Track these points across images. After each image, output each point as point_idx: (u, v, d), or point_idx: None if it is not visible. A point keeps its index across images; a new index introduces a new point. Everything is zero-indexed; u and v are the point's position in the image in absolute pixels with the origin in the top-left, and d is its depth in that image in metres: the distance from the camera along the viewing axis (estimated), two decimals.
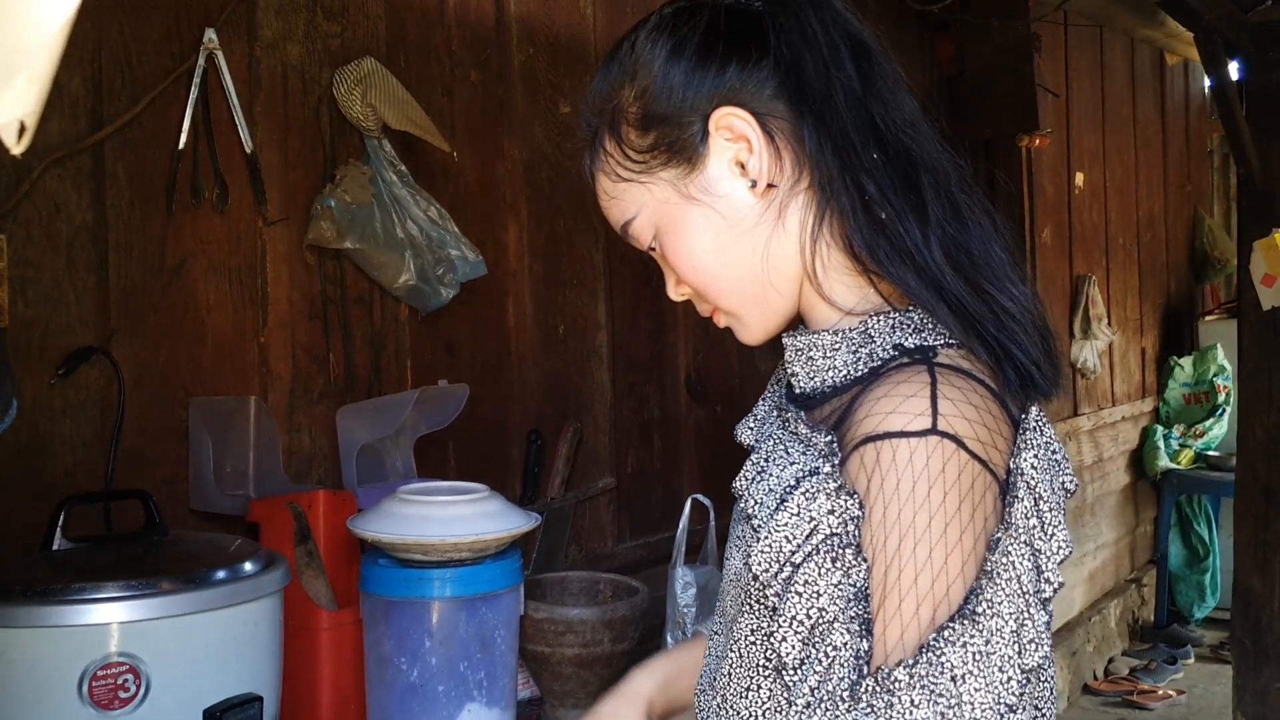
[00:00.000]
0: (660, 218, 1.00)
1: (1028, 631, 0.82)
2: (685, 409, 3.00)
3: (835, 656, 0.82)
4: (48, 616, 1.26)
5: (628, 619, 1.84)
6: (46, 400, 1.69)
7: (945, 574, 0.82)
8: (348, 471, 1.98)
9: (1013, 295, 0.93)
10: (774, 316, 1.02)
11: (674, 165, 0.98)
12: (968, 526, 0.82)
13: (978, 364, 0.91)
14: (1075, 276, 5.04)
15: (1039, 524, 0.85)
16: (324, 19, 2.09)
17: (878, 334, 0.95)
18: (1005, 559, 0.82)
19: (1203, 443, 5.70)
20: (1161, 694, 4.74)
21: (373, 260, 2.07)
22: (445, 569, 1.61)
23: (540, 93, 2.57)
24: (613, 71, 1.01)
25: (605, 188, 1.03)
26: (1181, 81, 6.25)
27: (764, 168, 0.96)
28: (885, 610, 0.82)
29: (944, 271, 0.91)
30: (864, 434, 0.85)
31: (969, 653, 0.80)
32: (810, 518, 0.85)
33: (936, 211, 0.93)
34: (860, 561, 0.84)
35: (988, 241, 0.95)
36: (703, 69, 0.96)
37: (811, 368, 0.98)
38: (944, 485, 0.82)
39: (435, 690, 1.63)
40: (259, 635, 1.42)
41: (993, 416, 0.87)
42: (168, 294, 1.84)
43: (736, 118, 0.95)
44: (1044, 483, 0.87)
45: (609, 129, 1.01)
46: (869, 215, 0.93)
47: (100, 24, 1.75)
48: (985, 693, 0.79)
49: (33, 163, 1.66)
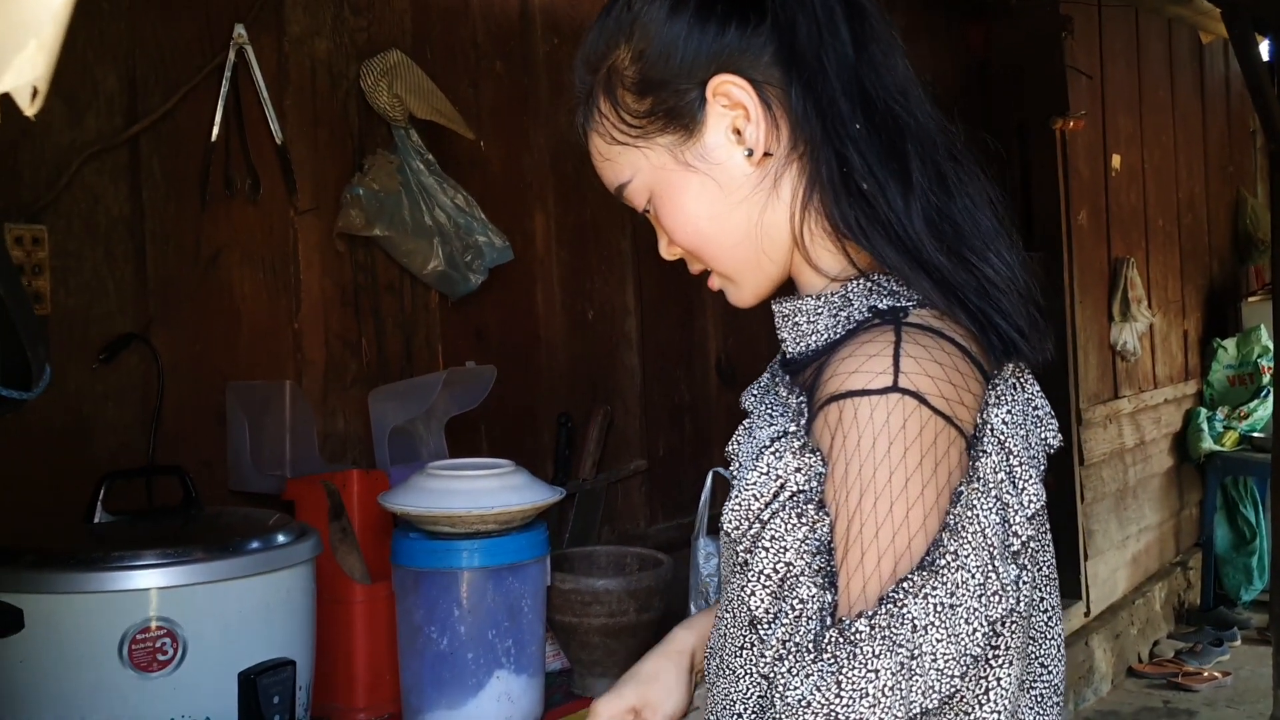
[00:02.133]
0: (656, 182, 1.00)
1: (993, 584, 0.82)
2: (715, 392, 3.04)
3: (802, 610, 0.84)
4: (89, 583, 1.32)
5: (653, 589, 1.88)
6: (89, 385, 1.76)
7: (906, 528, 0.82)
8: (380, 452, 2.03)
9: (995, 264, 0.93)
10: (765, 281, 1.03)
11: (671, 131, 0.98)
12: (929, 481, 0.83)
13: (951, 324, 0.91)
14: (1113, 259, 5.00)
15: (1008, 478, 0.86)
16: (350, 13, 2.15)
17: (856, 297, 0.96)
18: (969, 512, 0.83)
19: (1247, 424, 5.64)
20: (1207, 676, 4.70)
21: (401, 247, 2.13)
22: (473, 540, 1.66)
23: (565, 82, 2.60)
24: (608, 28, 1.00)
25: (600, 149, 1.03)
26: (1221, 62, 6.18)
27: (760, 136, 0.95)
28: (848, 564, 0.83)
29: (924, 241, 0.91)
30: (829, 394, 0.87)
31: (930, 604, 0.80)
32: (777, 476, 0.87)
33: (921, 181, 0.92)
34: (824, 516, 0.85)
35: (975, 210, 0.95)
36: (701, 32, 0.95)
37: (797, 332, 1.00)
38: (904, 441, 0.83)
39: (465, 658, 1.68)
40: (291, 602, 1.48)
41: (959, 373, 0.87)
42: (204, 283, 1.91)
43: (734, 85, 0.95)
44: (1016, 438, 0.88)
45: (604, 91, 1.00)
46: (847, 186, 0.92)
47: (134, 23, 1.82)
48: (949, 643, 0.80)
49: (71, 157, 1.73)
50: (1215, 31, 5.22)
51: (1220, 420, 5.68)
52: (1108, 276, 4.97)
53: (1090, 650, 4.50)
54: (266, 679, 1.41)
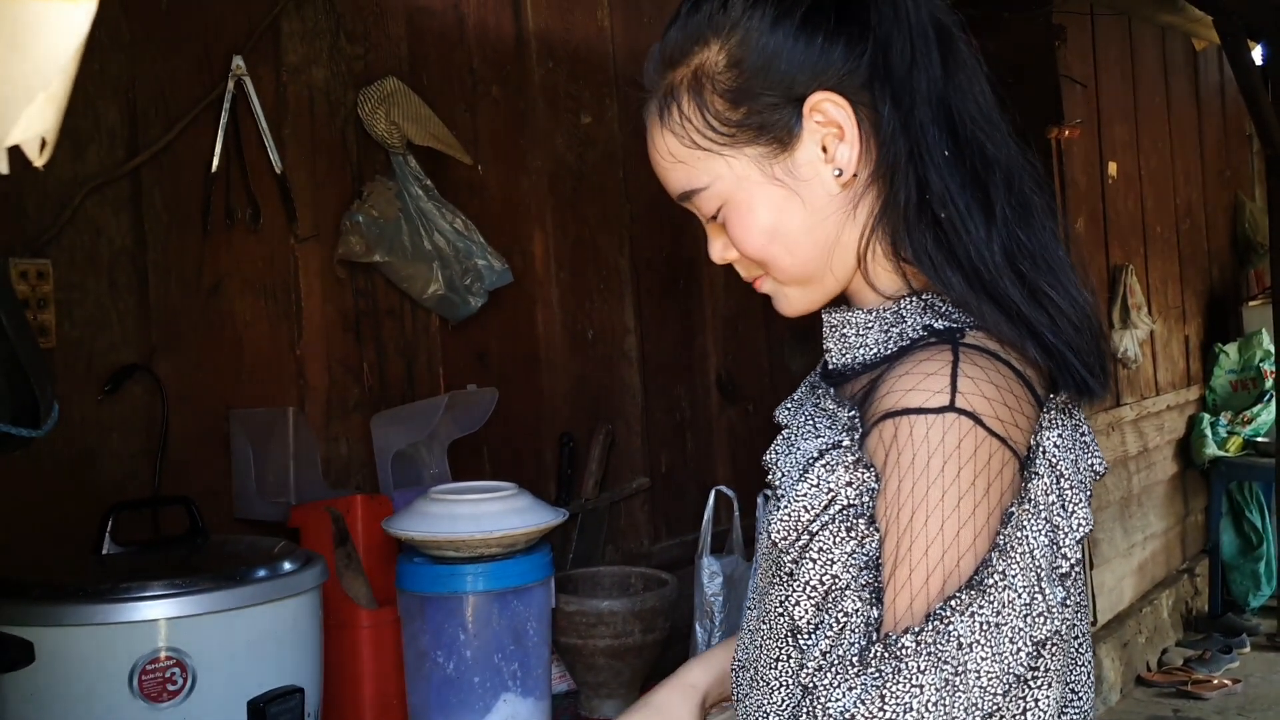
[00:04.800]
0: (736, 191, 0.98)
1: (1039, 605, 0.82)
2: (717, 408, 3.05)
3: (846, 623, 0.85)
4: (99, 615, 1.33)
5: (657, 609, 1.89)
6: (94, 416, 1.77)
7: (956, 546, 0.83)
8: (383, 477, 2.05)
9: (1073, 299, 0.92)
10: (823, 295, 1.02)
11: (761, 144, 0.96)
12: (981, 501, 0.84)
13: (1006, 346, 0.90)
14: (1112, 266, 5.02)
15: (1059, 501, 0.86)
16: (347, 42, 2.17)
17: (909, 314, 0.96)
18: (1019, 533, 0.84)
19: (1251, 429, 5.64)
20: (1216, 683, 4.69)
21: (401, 272, 2.14)
22: (477, 564, 1.67)
23: (561, 105, 2.64)
24: (698, 26, 0.97)
25: (671, 149, 0.99)
26: (1215, 68, 6.20)
27: (852, 158, 0.94)
28: (896, 580, 0.84)
29: (1002, 273, 0.90)
30: (884, 410, 0.87)
31: (977, 623, 0.81)
32: (829, 489, 0.87)
33: (1004, 211, 0.92)
34: (874, 532, 0.86)
35: (1052, 244, 0.94)
36: (806, 46, 0.93)
37: (844, 344, 1.00)
38: (959, 461, 0.84)
39: (471, 681, 1.69)
40: (299, 630, 1.49)
41: (1014, 396, 0.87)
42: (206, 312, 1.93)
43: (833, 104, 0.93)
44: (1067, 462, 0.88)
45: (691, 91, 0.97)
46: (922, 213, 0.92)
47: (134, 57, 1.84)
48: (993, 662, 0.80)
49: (73, 191, 1.74)
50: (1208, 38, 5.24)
51: (1224, 425, 5.68)
52: (1107, 284, 4.98)
53: (1098, 660, 4.50)
54: (276, 707, 1.42)
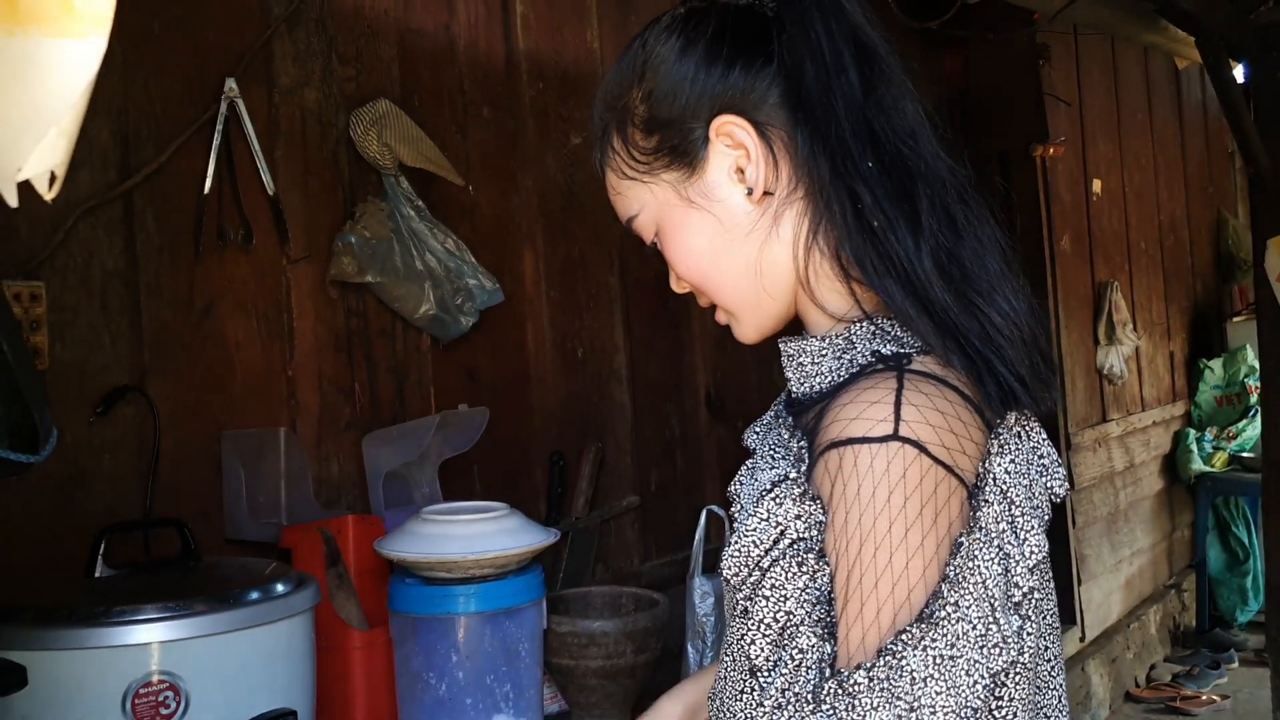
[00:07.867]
0: (661, 217, 1.04)
1: (994, 635, 0.82)
2: (706, 426, 3.06)
3: (801, 659, 0.85)
4: (91, 639, 1.33)
5: (649, 630, 1.89)
6: (86, 438, 1.77)
7: (906, 578, 0.82)
8: (375, 497, 2.05)
9: (1003, 309, 0.93)
10: (768, 319, 1.04)
11: (675, 168, 1.01)
12: (929, 531, 0.83)
13: (954, 372, 0.91)
14: (1097, 283, 5.05)
15: (1010, 528, 0.86)
16: (339, 64, 2.18)
17: (859, 340, 0.96)
18: (970, 563, 0.83)
19: (1236, 444, 5.67)
20: (1205, 699, 4.71)
21: (393, 292, 2.15)
22: (469, 585, 1.68)
23: (551, 125, 2.65)
24: (624, 68, 1.04)
25: (612, 183, 1.07)
26: (1197, 86, 6.26)
27: (761, 176, 0.98)
28: (847, 614, 0.83)
29: (932, 282, 0.91)
30: (829, 440, 0.87)
31: (929, 656, 0.80)
32: (778, 523, 0.87)
33: (930, 222, 0.93)
34: (824, 566, 0.86)
35: (983, 254, 0.95)
36: (707, 73, 0.98)
37: (801, 373, 1.01)
38: (904, 490, 0.83)
39: (464, 703, 1.69)
40: (292, 652, 1.49)
41: (961, 422, 0.87)
42: (198, 333, 1.93)
43: (736, 126, 0.97)
44: (1019, 488, 0.88)
45: (617, 127, 1.04)
46: (860, 223, 0.93)
47: (127, 79, 1.85)
48: (948, 696, 0.79)
49: (66, 213, 1.75)
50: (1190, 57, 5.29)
51: (1209, 441, 5.71)
52: (1092, 300, 5.01)
53: (1087, 676, 4.51)
54: None
